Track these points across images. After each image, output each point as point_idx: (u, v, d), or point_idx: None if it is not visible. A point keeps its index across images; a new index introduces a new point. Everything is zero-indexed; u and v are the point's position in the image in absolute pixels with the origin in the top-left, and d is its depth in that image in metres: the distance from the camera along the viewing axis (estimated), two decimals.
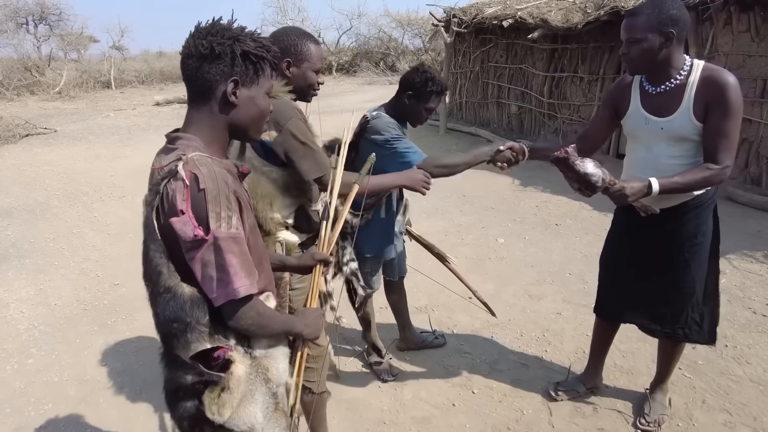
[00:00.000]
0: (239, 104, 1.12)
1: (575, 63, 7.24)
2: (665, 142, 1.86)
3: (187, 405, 1.10)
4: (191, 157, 1.05)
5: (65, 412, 2.41)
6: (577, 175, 1.77)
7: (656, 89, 1.86)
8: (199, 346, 1.05)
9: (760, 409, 2.33)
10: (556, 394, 2.39)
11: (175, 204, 1.01)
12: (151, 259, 1.05)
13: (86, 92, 16.62)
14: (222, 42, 1.07)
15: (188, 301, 1.04)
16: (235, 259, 1.04)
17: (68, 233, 4.70)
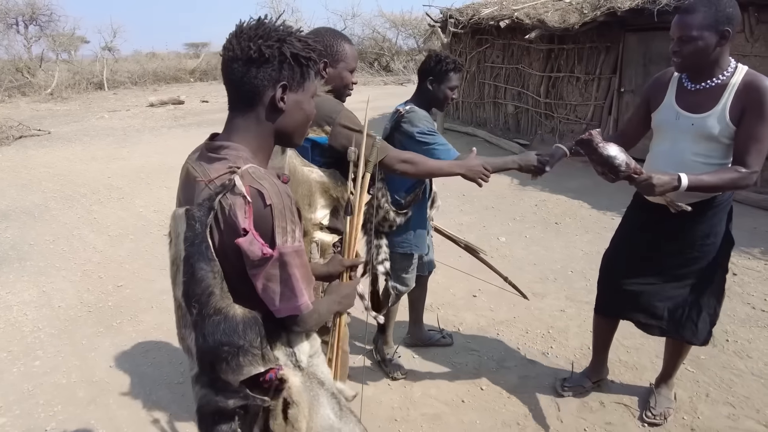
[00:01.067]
0: (287, 110, 1.06)
1: (572, 63, 7.31)
2: (692, 140, 1.85)
3: (223, 428, 1.06)
4: (246, 170, 0.98)
5: (75, 413, 2.41)
6: (600, 158, 1.74)
7: (695, 86, 1.84)
8: (252, 369, 1.01)
9: (763, 401, 2.37)
10: (563, 390, 2.42)
11: (236, 222, 0.96)
12: (201, 279, 0.98)
13: (79, 93, 16.52)
14: (271, 45, 1.00)
15: (240, 323, 0.99)
16: (299, 273, 1.02)
17: (68, 235, 4.68)
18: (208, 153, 1.05)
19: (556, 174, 6.90)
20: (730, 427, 2.23)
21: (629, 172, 1.74)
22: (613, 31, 6.67)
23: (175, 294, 1.06)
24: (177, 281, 1.04)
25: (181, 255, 1.01)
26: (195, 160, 1.08)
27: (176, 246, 1.03)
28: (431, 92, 2.33)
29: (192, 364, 1.07)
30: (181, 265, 1.01)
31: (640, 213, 2.12)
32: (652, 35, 6.33)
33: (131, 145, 8.75)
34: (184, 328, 1.05)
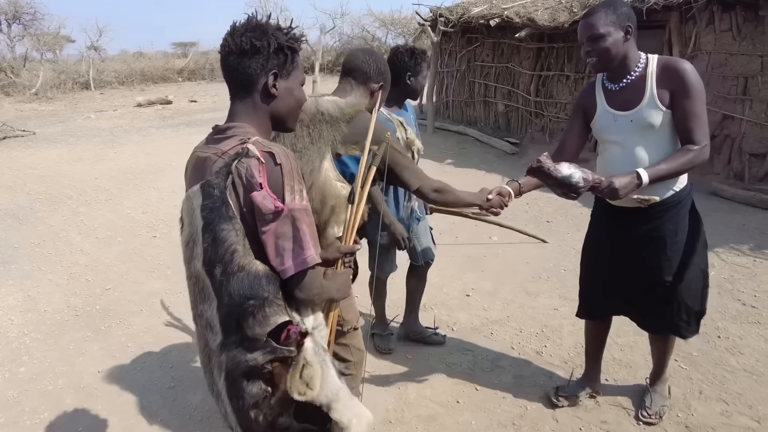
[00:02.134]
0: (279, 95, 1.19)
1: (561, 62, 7.34)
2: (637, 135, 1.88)
3: (254, 390, 1.12)
4: (256, 139, 1.13)
5: (62, 420, 2.36)
6: (556, 181, 1.73)
7: (617, 86, 1.91)
8: (278, 318, 1.10)
9: (755, 398, 2.39)
10: (557, 400, 2.36)
11: (252, 179, 1.07)
12: (223, 239, 1.07)
13: (64, 93, 16.29)
14: (260, 37, 1.13)
15: (263, 277, 1.09)
16: (307, 229, 1.10)
17: (54, 238, 4.59)
18: (215, 136, 1.19)
19: None
20: (723, 423, 2.24)
21: (589, 185, 1.74)
22: None
23: (192, 270, 1.15)
24: (195, 255, 1.13)
25: (199, 227, 1.10)
26: (203, 146, 1.21)
27: (191, 223, 1.13)
28: (410, 86, 2.47)
29: (213, 336, 1.13)
30: (200, 236, 1.10)
31: (605, 219, 2.13)
32: (640, 34, 6.32)
33: (119, 145, 8.63)
34: (202, 303, 1.14)
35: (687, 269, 1.98)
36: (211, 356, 1.18)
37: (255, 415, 1.14)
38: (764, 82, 5.12)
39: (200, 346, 1.23)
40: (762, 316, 3.10)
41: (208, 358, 1.20)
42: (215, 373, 1.17)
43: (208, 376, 1.22)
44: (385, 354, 2.76)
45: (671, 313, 2.04)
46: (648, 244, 1.99)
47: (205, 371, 1.23)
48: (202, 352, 1.22)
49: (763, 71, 5.12)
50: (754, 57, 5.16)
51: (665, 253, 1.98)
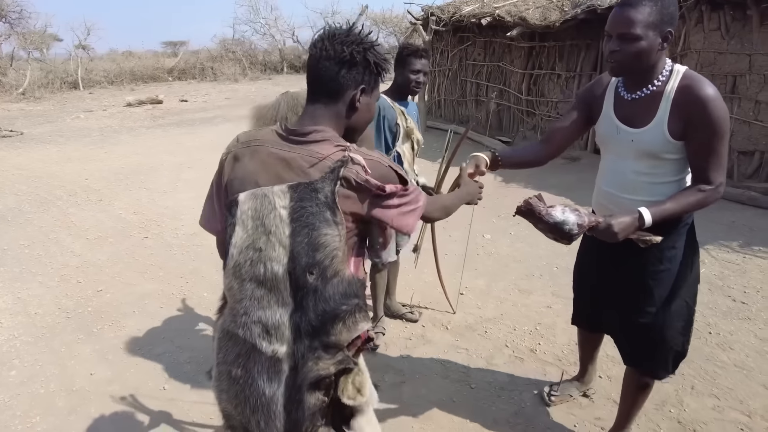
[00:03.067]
0: (360, 109, 1.21)
1: (553, 60, 7.38)
2: (634, 157, 1.67)
3: (313, 401, 1.12)
4: (352, 147, 1.15)
5: (54, 424, 2.33)
6: (548, 226, 1.54)
7: (631, 95, 1.65)
8: (365, 325, 1.14)
9: (746, 393, 2.42)
10: (550, 399, 2.35)
11: (366, 183, 1.11)
12: (325, 244, 1.08)
13: (52, 93, 16.10)
14: (360, 51, 1.15)
15: (354, 282, 1.12)
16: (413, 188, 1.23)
17: (44, 239, 4.54)
18: (297, 137, 1.15)
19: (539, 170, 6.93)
20: (715, 418, 2.27)
21: (584, 230, 1.54)
22: (593, 29, 6.73)
23: (256, 274, 1.11)
24: (269, 257, 1.10)
25: (286, 229, 1.08)
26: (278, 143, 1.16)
27: (264, 224, 1.10)
28: (399, 80, 2.59)
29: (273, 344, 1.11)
30: (287, 239, 1.08)
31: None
32: None
33: (109, 145, 8.55)
34: (267, 309, 1.11)
35: (672, 302, 1.76)
36: (251, 366, 1.13)
37: (306, 428, 1.13)
38: (752, 81, 5.17)
39: (229, 357, 1.16)
40: (752, 312, 3.14)
41: (245, 369, 1.13)
42: (261, 383, 1.12)
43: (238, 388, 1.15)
44: (371, 350, 2.76)
45: (648, 346, 1.82)
46: (634, 268, 1.77)
47: (233, 383, 1.16)
48: (233, 362, 1.15)
49: (751, 70, 5.18)
50: (743, 56, 5.22)
51: (646, 282, 1.76)
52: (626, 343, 1.92)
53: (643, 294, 1.78)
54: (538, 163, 1.94)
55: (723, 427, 2.21)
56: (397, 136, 2.60)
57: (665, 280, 1.74)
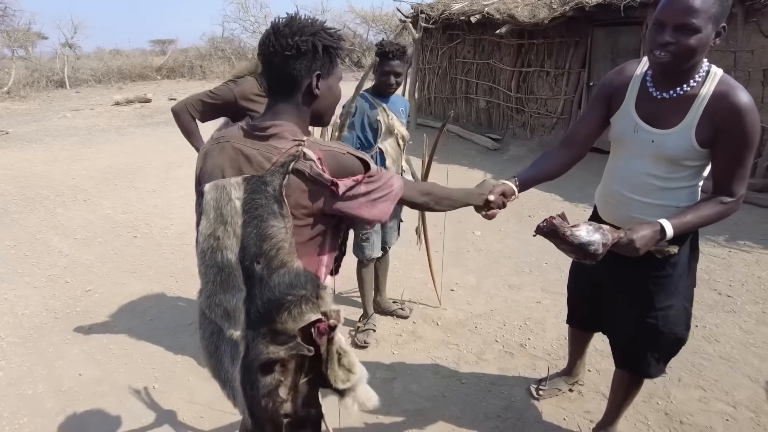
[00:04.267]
0: (321, 95, 1.22)
1: (542, 58, 7.41)
2: (651, 159, 1.58)
3: (267, 381, 1.19)
4: (310, 140, 1.17)
5: (43, 425, 2.31)
6: (572, 247, 1.47)
7: (662, 94, 1.53)
8: (312, 316, 1.17)
9: (731, 384, 2.46)
10: (538, 394, 2.37)
11: (319, 176, 1.13)
12: (271, 235, 1.12)
13: (38, 92, 15.86)
14: (306, 40, 1.14)
15: (302, 275, 1.15)
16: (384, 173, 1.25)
17: (31, 239, 4.48)
18: (258, 132, 1.19)
19: None
20: (701, 409, 2.30)
21: (608, 249, 1.47)
22: (582, 26, 6.79)
23: (216, 260, 1.17)
24: (225, 246, 1.15)
25: (239, 220, 1.14)
26: (241, 139, 1.20)
27: (222, 214, 1.16)
28: (376, 77, 2.57)
29: (231, 326, 1.19)
30: (237, 228, 1.14)
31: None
32: (619, 30, 6.47)
33: (97, 145, 8.45)
34: (224, 293, 1.18)
35: (672, 307, 1.72)
36: (219, 344, 1.24)
37: (265, 403, 1.21)
38: (737, 78, 5.24)
39: (206, 333, 1.28)
40: (737, 305, 3.19)
41: (216, 346, 1.25)
42: (226, 361, 1.22)
43: (214, 362, 1.27)
44: (361, 347, 2.81)
45: (645, 350, 1.78)
46: (636, 272, 1.72)
47: (210, 357, 1.28)
48: (208, 339, 1.27)
49: (736, 67, 5.25)
50: (728, 53, 5.29)
51: (647, 286, 1.72)
52: (624, 347, 1.87)
53: (644, 299, 1.73)
54: (562, 172, 1.82)
55: (709, 418, 2.25)
56: (378, 133, 2.60)
57: (666, 285, 1.70)
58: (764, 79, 5.13)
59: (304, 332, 1.19)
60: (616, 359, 1.93)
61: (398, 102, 2.71)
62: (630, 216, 1.67)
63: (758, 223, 4.55)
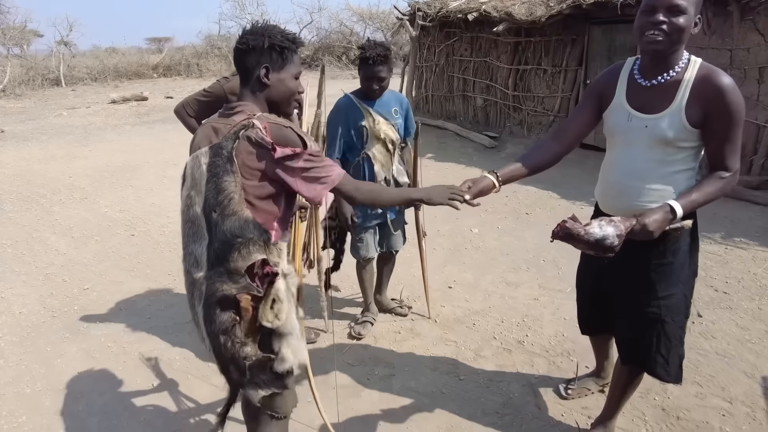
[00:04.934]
0: (271, 85, 1.46)
1: (539, 56, 7.42)
2: (646, 144, 1.66)
3: (224, 317, 1.38)
4: (261, 115, 1.41)
5: (41, 423, 2.31)
6: (588, 244, 1.55)
7: (648, 82, 1.66)
8: (258, 256, 1.37)
9: (727, 380, 2.48)
10: (566, 393, 2.35)
11: (263, 141, 1.35)
12: (224, 188, 1.35)
13: (33, 90, 15.80)
14: (256, 38, 1.41)
15: (251, 222, 1.37)
16: (325, 161, 1.44)
17: (27, 238, 4.47)
18: (226, 112, 1.46)
19: None
20: (698, 405, 2.32)
21: (623, 239, 1.54)
22: (579, 24, 6.80)
23: (190, 215, 1.41)
24: (195, 202, 1.40)
25: (204, 179, 1.38)
26: (215, 119, 1.48)
27: (194, 177, 1.41)
28: (360, 81, 2.53)
29: (198, 270, 1.41)
30: (203, 186, 1.38)
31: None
32: (615, 28, 6.48)
33: (93, 143, 8.43)
34: (194, 243, 1.41)
35: (673, 296, 1.75)
36: (193, 290, 1.44)
37: (224, 341, 1.40)
38: (733, 75, 5.21)
39: (186, 284, 1.48)
40: (733, 301, 3.21)
41: (191, 293, 1.45)
42: (196, 303, 1.43)
43: (191, 307, 1.47)
44: (356, 339, 2.86)
45: (649, 342, 1.80)
46: (631, 262, 1.76)
47: (190, 304, 1.48)
48: (188, 289, 1.47)
49: (732, 65, 5.27)
50: (724, 51, 5.30)
51: (648, 275, 1.76)
52: (629, 339, 1.89)
53: (645, 288, 1.77)
54: (551, 164, 1.88)
55: (705, 414, 2.27)
56: (365, 138, 2.55)
57: (667, 273, 1.74)
58: (760, 77, 5.15)
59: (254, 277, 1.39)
60: (623, 355, 1.94)
61: (390, 101, 2.61)
62: (631, 204, 1.70)
63: (754, 220, 4.58)
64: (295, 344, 1.47)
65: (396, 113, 2.63)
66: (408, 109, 2.74)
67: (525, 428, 2.21)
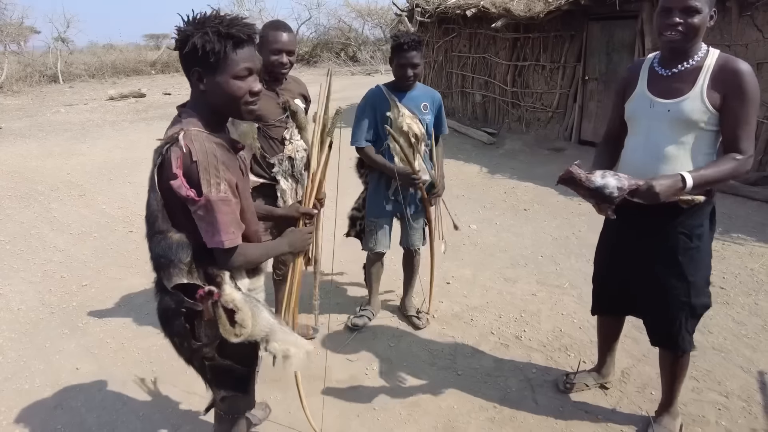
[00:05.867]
0: (208, 90, 1.29)
1: (537, 52, 7.41)
2: (668, 128, 1.75)
3: (176, 324, 1.37)
4: (189, 131, 1.27)
5: (40, 418, 2.31)
6: (589, 192, 1.62)
7: (668, 71, 1.77)
8: (177, 279, 1.30)
9: (723, 374, 2.49)
10: (565, 387, 2.37)
11: (171, 167, 1.24)
12: (149, 205, 1.29)
13: (31, 87, 15.73)
14: (185, 36, 1.23)
15: (175, 244, 1.28)
16: (224, 218, 1.26)
17: (26, 235, 4.47)
18: (173, 119, 1.36)
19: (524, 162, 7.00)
20: (694, 399, 2.33)
21: (624, 193, 1.60)
22: (577, 20, 6.79)
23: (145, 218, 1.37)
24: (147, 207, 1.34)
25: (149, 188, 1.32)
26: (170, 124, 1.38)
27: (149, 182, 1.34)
28: (393, 70, 2.53)
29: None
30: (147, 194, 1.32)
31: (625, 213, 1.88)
32: (614, 24, 6.48)
33: (91, 140, 8.41)
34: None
35: (699, 278, 1.86)
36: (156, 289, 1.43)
37: (179, 342, 1.41)
38: None
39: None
40: (730, 296, 3.22)
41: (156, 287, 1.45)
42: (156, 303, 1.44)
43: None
44: (351, 329, 2.90)
45: (678, 325, 1.90)
46: (658, 246, 1.86)
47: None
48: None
49: None
50: (722, 47, 5.30)
51: (676, 258, 1.84)
52: (659, 322, 1.98)
53: (675, 272, 1.86)
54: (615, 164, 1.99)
55: (702, 408, 2.28)
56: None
57: (695, 257, 1.84)
58: (758, 72, 5.15)
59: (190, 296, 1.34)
60: (652, 337, 2.04)
61: (420, 96, 2.60)
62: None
63: (751, 215, 4.59)
64: (282, 337, 1.44)
65: (426, 108, 2.61)
66: (441, 107, 2.71)
67: (523, 423, 2.22)
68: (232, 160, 1.34)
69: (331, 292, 3.35)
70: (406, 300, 3.05)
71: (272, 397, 2.38)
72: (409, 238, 2.83)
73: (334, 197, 2.12)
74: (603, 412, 2.27)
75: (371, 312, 2.99)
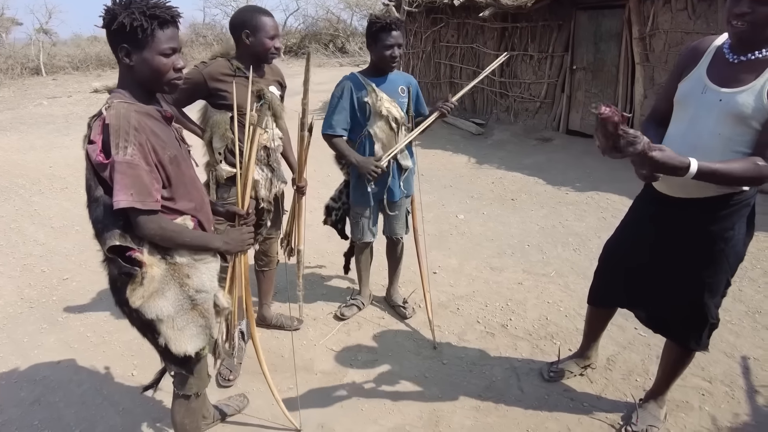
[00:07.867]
0: (135, 66, 1.38)
1: (525, 41, 7.38)
2: (716, 119, 1.61)
3: (121, 291, 1.43)
4: (113, 103, 1.36)
5: (17, 414, 2.26)
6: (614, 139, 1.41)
7: (737, 57, 1.60)
8: (110, 242, 1.37)
9: (707, 360, 2.50)
10: (549, 376, 2.36)
11: (91, 135, 1.34)
12: (85, 175, 1.38)
13: (12, 79, 15.40)
14: (110, 15, 1.32)
15: (108, 209, 1.35)
16: (124, 179, 1.31)
17: (5, 228, 4.37)
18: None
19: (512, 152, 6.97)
20: (678, 385, 2.32)
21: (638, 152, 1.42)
22: (565, 9, 6.77)
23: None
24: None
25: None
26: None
27: None
28: (373, 55, 2.49)
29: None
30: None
31: (650, 205, 1.90)
32: (602, 13, 6.46)
33: (74, 132, 8.24)
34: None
35: (717, 281, 1.79)
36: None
37: (128, 311, 1.48)
38: None
39: None
40: None
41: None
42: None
43: None
44: (340, 319, 2.89)
45: (686, 322, 1.87)
46: (696, 239, 1.76)
47: None
48: None
49: None
50: (708, 35, 5.31)
51: (712, 252, 1.75)
52: (669, 318, 1.93)
53: (691, 271, 1.80)
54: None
55: (685, 393, 2.29)
56: (367, 115, 2.54)
57: (718, 260, 1.75)
58: None
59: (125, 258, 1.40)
60: (656, 330, 2.02)
61: (397, 80, 2.58)
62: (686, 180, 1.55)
63: None
64: (170, 334, 1.48)
65: (403, 92, 2.60)
66: (418, 90, 2.70)
67: (508, 411, 2.21)
68: (162, 128, 1.42)
69: (315, 282, 3.32)
70: (391, 289, 3.04)
71: (255, 389, 2.35)
72: (391, 227, 2.81)
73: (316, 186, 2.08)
74: (588, 399, 2.27)
75: (361, 302, 2.96)
